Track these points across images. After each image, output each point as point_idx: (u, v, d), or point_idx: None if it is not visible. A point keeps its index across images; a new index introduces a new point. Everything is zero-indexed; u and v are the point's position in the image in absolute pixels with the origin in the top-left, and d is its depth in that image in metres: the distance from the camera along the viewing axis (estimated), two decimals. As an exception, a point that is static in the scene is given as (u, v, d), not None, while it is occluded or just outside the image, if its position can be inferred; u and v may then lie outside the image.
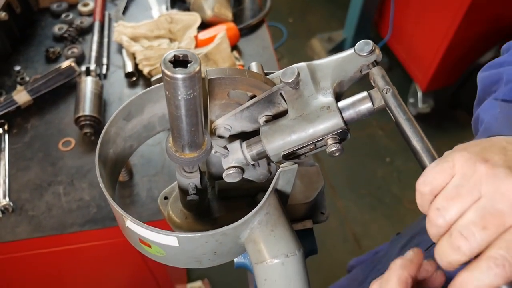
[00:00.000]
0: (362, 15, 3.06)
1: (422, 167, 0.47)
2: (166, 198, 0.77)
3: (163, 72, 0.44)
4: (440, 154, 0.46)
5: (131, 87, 1.33)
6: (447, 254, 0.38)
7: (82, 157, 1.16)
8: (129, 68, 1.31)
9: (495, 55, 2.45)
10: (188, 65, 0.44)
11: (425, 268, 0.49)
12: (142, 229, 0.51)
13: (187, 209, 0.71)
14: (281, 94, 0.60)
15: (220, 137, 0.63)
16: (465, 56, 2.58)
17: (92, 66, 1.28)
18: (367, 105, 0.56)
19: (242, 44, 1.44)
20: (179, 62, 0.45)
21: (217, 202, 0.74)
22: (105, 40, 1.43)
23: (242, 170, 0.58)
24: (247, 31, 1.48)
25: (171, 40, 1.39)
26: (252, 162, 0.59)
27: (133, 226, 0.51)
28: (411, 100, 3.03)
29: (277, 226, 0.54)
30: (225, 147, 0.59)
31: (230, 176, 0.58)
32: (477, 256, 0.37)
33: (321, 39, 3.38)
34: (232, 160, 0.58)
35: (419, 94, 2.94)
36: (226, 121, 0.62)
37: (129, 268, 1.39)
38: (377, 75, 0.56)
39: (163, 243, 0.52)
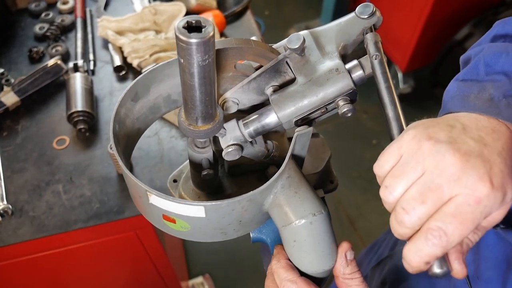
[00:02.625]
0: (337, 2, 3.10)
1: (390, 137, 0.49)
2: (175, 181, 0.76)
3: (177, 39, 0.44)
4: None
5: (121, 81, 1.31)
6: (395, 228, 0.41)
7: (78, 154, 1.14)
8: (117, 62, 1.29)
9: (470, 31, 2.51)
10: (203, 29, 0.44)
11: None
12: (167, 203, 0.50)
13: (199, 188, 0.71)
14: (287, 62, 0.60)
15: (228, 111, 0.64)
16: (441, 34, 2.63)
17: (80, 62, 1.25)
18: (358, 72, 0.57)
19: (229, 31, 1.44)
20: (193, 28, 0.45)
21: (228, 179, 0.74)
22: (89, 36, 1.41)
23: (240, 147, 0.58)
24: (233, 18, 1.48)
25: (157, 32, 1.37)
26: (250, 139, 0.59)
27: (158, 201, 0.51)
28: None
29: (300, 188, 0.54)
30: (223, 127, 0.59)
31: (230, 154, 0.58)
32: None
33: (298, 29, 3.40)
34: (230, 139, 0.58)
35: (399, 75, 3.00)
36: (234, 94, 0.63)
37: (133, 266, 1.37)
38: (370, 41, 0.57)
39: (190, 215, 0.52)
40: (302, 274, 0.54)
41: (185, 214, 0.52)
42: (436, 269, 0.42)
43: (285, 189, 0.54)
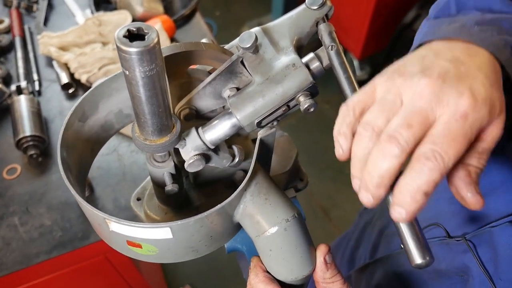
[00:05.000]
0: (286, -4, 3.10)
1: None
2: (139, 199, 0.72)
3: (118, 49, 0.40)
4: None
5: (71, 99, 1.24)
6: (379, 164, 0.37)
7: (32, 182, 1.06)
8: (65, 79, 1.22)
9: (417, 12, 2.58)
10: (146, 37, 0.41)
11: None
12: (130, 229, 0.46)
13: (165, 204, 0.67)
14: (242, 62, 0.58)
15: (186, 120, 0.60)
16: (391, 18, 2.69)
17: (23, 84, 1.17)
18: (316, 64, 0.55)
19: (180, 35, 1.40)
20: (135, 36, 0.41)
21: (195, 190, 0.70)
22: (31, 55, 1.32)
23: (203, 157, 0.55)
24: (182, 22, 1.44)
25: (104, 43, 1.31)
26: (212, 147, 0.56)
27: (119, 228, 0.47)
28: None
29: (270, 194, 0.51)
30: (182, 138, 0.56)
31: (193, 165, 0.54)
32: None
33: (251, 27, 3.36)
34: (192, 149, 0.55)
35: (355, 63, 3.04)
36: (190, 102, 0.59)
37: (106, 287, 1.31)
38: (324, 31, 0.55)
39: (155, 238, 0.48)
40: (282, 284, 0.52)
41: (151, 237, 0.48)
42: (418, 260, 0.40)
43: (254, 197, 0.51)
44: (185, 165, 0.53)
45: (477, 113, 0.36)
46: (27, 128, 1.05)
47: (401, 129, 0.37)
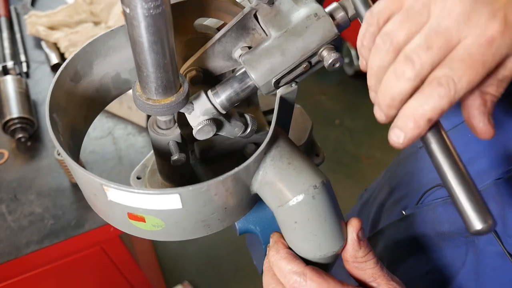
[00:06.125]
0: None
1: None
2: (139, 178, 0.65)
3: None
4: None
5: (62, 81, 1.16)
6: (392, 85, 0.35)
7: (21, 167, 0.98)
8: (54, 59, 1.14)
9: None
10: (149, -36, 0.34)
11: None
12: (132, 197, 0.39)
13: (170, 180, 0.60)
14: (255, 16, 0.51)
15: (193, 83, 0.53)
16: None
17: (9, 64, 1.09)
18: (341, 14, 0.49)
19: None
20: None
21: (201, 167, 0.64)
22: (18, 36, 1.24)
23: (214, 122, 0.48)
24: None
25: (96, 23, 1.23)
26: (223, 111, 0.49)
27: (119, 196, 0.40)
28: (346, 60, 3.07)
29: (294, 158, 0.45)
30: (189, 102, 0.49)
31: (202, 132, 0.47)
32: None
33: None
34: (200, 113, 0.48)
35: (353, 52, 2.99)
36: (196, 62, 0.52)
37: (103, 285, 1.23)
38: None
39: (162, 208, 0.41)
40: (308, 262, 0.45)
41: (156, 207, 0.41)
42: (478, 225, 0.34)
43: (275, 161, 0.45)
44: (194, 131, 0.47)
45: (505, 40, 0.33)
46: (14, 110, 0.98)
47: (419, 51, 0.34)
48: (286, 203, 0.43)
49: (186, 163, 0.57)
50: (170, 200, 0.40)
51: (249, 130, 0.51)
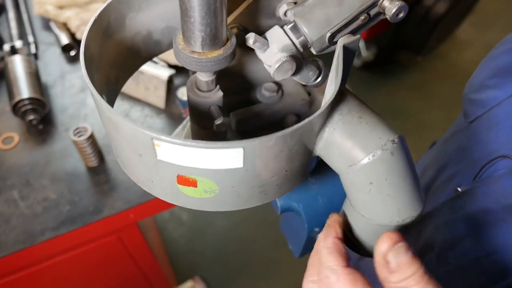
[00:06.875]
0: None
1: None
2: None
3: None
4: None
5: (73, 62, 1.10)
6: None
7: (32, 151, 0.92)
8: (65, 40, 1.08)
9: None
10: None
11: None
12: (188, 153, 0.34)
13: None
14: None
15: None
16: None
17: (18, 44, 1.03)
18: None
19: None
20: None
21: (238, 139, 0.58)
22: (25, 17, 1.18)
23: (294, 60, 0.43)
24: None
25: (106, 4, 1.17)
26: (302, 49, 0.44)
27: (172, 154, 0.34)
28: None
29: (364, 112, 0.39)
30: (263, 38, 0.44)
31: (282, 69, 0.42)
32: None
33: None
34: (278, 50, 0.43)
35: (361, 43, 2.93)
36: (238, 19, 0.47)
37: (117, 278, 1.18)
38: None
39: (220, 167, 0.35)
40: (379, 227, 0.40)
41: (213, 166, 0.35)
42: None
43: (344, 115, 0.39)
44: (272, 70, 0.42)
45: None
46: (24, 91, 0.92)
47: None
48: (359, 161, 0.38)
49: (224, 133, 0.51)
50: (232, 156, 0.34)
51: (321, 76, 0.46)
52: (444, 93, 2.78)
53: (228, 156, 0.34)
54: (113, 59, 0.48)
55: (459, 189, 0.64)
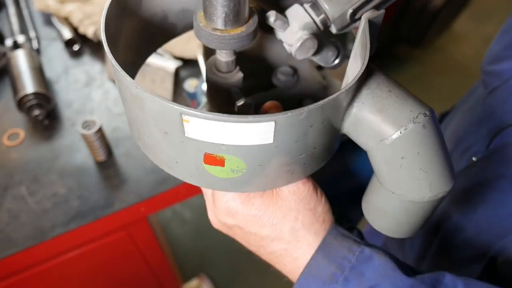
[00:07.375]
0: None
1: None
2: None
3: None
4: None
5: (76, 57, 1.09)
6: None
7: (39, 147, 0.91)
8: (68, 35, 1.07)
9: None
10: None
11: None
12: (219, 128, 0.32)
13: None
14: None
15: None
16: (397, -13, 2.58)
17: (20, 38, 1.02)
18: None
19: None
20: None
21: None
22: (25, 12, 1.16)
23: (316, 39, 0.42)
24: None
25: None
26: (323, 28, 0.43)
27: (201, 129, 0.33)
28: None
29: (393, 86, 0.38)
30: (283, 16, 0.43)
31: (303, 47, 0.41)
32: None
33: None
34: (299, 28, 0.42)
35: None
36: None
37: (126, 275, 1.16)
38: None
39: (250, 143, 0.34)
40: (411, 204, 0.39)
41: (243, 142, 0.34)
42: None
43: (372, 90, 0.38)
44: (294, 48, 0.41)
45: None
46: (28, 86, 0.90)
47: None
48: (390, 136, 0.37)
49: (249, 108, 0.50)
50: (263, 130, 0.33)
51: (340, 57, 0.45)
52: (442, 86, 2.78)
53: (259, 131, 0.33)
54: (130, 42, 0.47)
55: (474, 158, 0.64)
